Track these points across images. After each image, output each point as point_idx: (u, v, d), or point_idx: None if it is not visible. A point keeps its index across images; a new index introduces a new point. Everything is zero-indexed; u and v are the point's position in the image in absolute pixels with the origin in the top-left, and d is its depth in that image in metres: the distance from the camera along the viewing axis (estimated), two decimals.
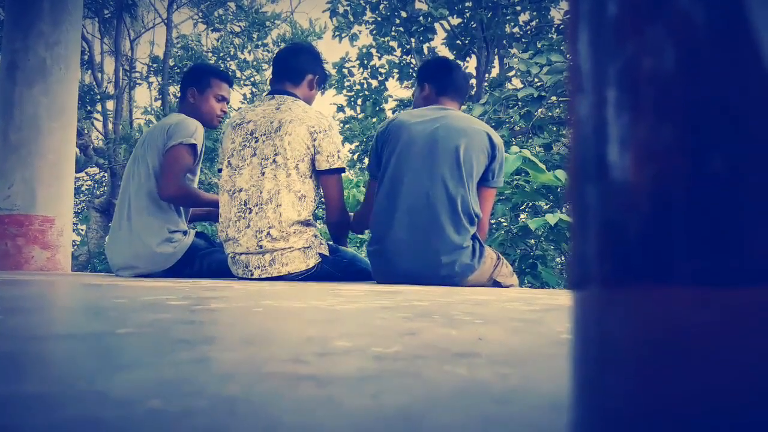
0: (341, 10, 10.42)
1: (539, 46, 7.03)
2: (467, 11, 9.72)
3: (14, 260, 3.71)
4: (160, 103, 12.35)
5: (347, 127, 11.26)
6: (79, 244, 11.48)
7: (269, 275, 2.50)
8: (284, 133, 2.51)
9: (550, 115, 7.19)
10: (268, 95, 2.71)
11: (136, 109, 12.88)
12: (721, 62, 0.24)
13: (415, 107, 2.66)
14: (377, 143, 2.51)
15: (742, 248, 0.24)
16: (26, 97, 3.80)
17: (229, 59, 12.94)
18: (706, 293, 0.24)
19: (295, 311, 1.11)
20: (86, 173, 13.42)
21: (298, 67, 2.71)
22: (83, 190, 14.01)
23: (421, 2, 9.98)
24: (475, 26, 9.66)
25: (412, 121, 2.43)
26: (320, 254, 2.52)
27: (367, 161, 2.65)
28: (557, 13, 9.44)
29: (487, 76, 9.96)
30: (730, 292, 0.24)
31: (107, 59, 12.39)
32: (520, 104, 6.44)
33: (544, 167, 4.12)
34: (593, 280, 0.28)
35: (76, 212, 12.53)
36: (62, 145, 3.91)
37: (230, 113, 8.28)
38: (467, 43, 9.84)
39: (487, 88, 8.95)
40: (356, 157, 10.96)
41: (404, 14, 10.01)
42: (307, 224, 2.53)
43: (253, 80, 13.30)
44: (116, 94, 11.36)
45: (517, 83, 8.54)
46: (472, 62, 10.37)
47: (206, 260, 2.81)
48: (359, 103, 11.31)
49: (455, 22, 9.95)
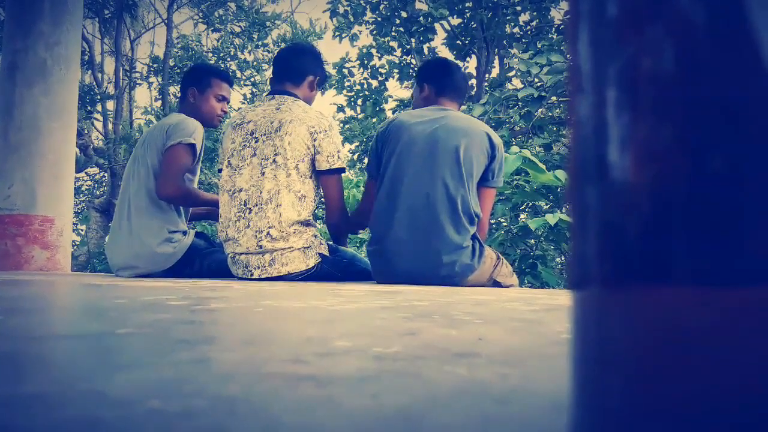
0: (341, 10, 10.42)
1: (539, 46, 7.04)
2: (467, 11, 9.72)
3: (14, 260, 3.71)
4: (160, 103, 12.36)
5: (347, 127, 11.26)
6: (79, 244, 11.49)
7: (269, 275, 2.50)
8: (284, 133, 2.51)
9: (550, 115, 7.19)
10: (268, 95, 2.70)
11: (136, 109, 12.91)
12: (720, 62, 0.24)
13: (414, 108, 2.66)
14: (377, 144, 2.51)
15: (742, 248, 0.24)
16: (26, 97, 3.80)
17: (229, 59, 12.94)
18: (706, 293, 0.24)
19: (295, 311, 1.11)
20: (86, 173, 13.43)
21: (299, 67, 2.70)
22: (83, 190, 14.01)
23: (421, 2, 9.99)
24: (475, 26, 9.67)
25: (412, 121, 2.43)
26: (320, 254, 2.52)
27: (366, 161, 2.65)
28: (557, 13, 9.45)
29: (487, 76, 9.96)
30: (730, 292, 0.24)
31: (107, 59, 12.42)
32: (520, 104, 6.44)
33: (544, 167, 4.12)
34: (593, 280, 0.28)
35: (76, 212, 12.54)
36: (62, 145, 3.91)
37: (230, 113, 8.29)
38: (467, 43, 9.84)
39: (487, 88, 8.96)
40: (356, 157, 10.96)
41: (404, 14, 10.01)
42: (307, 224, 2.53)
43: (253, 80, 13.31)
44: (116, 94, 11.36)
45: (517, 83, 8.55)
46: (472, 62, 10.38)
47: (206, 260, 2.81)
48: (359, 103, 11.31)
49: (455, 22, 9.96)
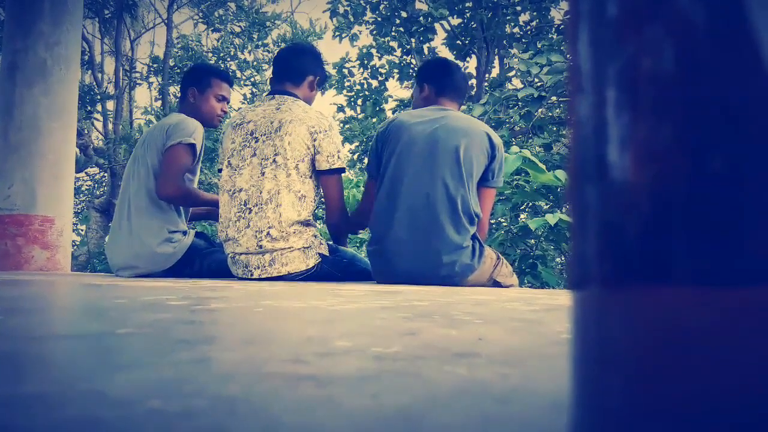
0: (341, 10, 10.42)
1: (539, 46, 7.03)
2: (467, 11, 9.72)
3: (14, 260, 3.71)
4: (160, 103, 12.36)
5: (347, 127, 11.26)
6: (79, 244, 11.49)
7: (269, 275, 2.50)
8: (284, 133, 2.51)
9: (550, 115, 7.19)
10: (268, 95, 2.70)
11: (136, 109, 12.91)
12: (720, 62, 0.24)
13: (414, 108, 2.66)
14: (377, 144, 2.51)
15: (742, 248, 0.24)
16: (26, 97, 3.80)
17: (229, 59, 12.94)
18: (706, 293, 0.24)
19: (295, 311, 1.11)
20: (86, 173, 13.43)
21: (299, 67, 2.70)
22: (83, 190, 14.01)
23: (421, 2, 9.99)
24: (475, 26, 9.67)
25: (412, 121, 2.43)
26: (320, 254, 2.52)
27: (366, 161, 2.65)
28: (557, 13, 9.45)
29: (487, 76, 9.96)
30: (730, 292, 0.24)
31: (107, 59, 12.42)
32: (520, 104, 6.44)
33: (544, 167, 4.12)
34: (593, 280, 0.28)
35: (76, 212, 12.53)
36: (62, 145, 3.91)
37: (230, 113, 8.28)
38: (467, 43, 9.84)
39: (487, 88, 8.96)
40: (356, 157, 10.96)
41: (404, 14, 10.01)
42: (307, 224, 2.53)
43: (253, 80, 13.31)
44: (116, 94, 11.36)
45: (517, 83, 8.55)
46: (472, 62, 10.38)
47: (206, 260, 2.81)
48: (359, 103, 11.31)
49: (455, 22, 9.96)
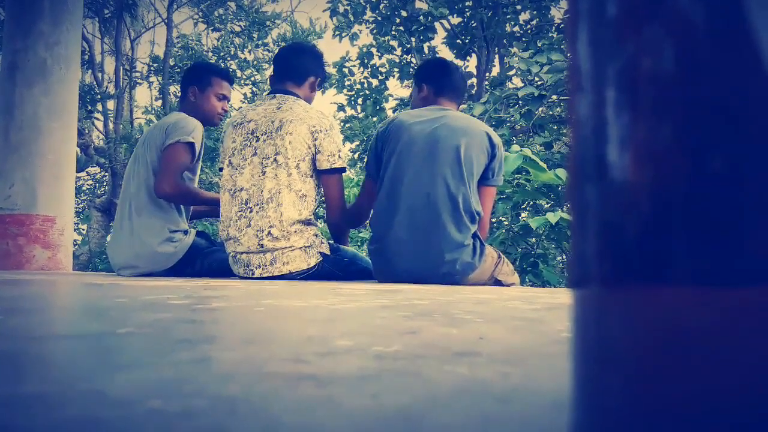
0: (341, 9, 10.41)
1: (539, 45, 7.03)
2: (467, 10, 9.71)
3: (15, 260, 3.71)
4: (160, 102, 12.37)
5: (348, 126, 11.26)
6: (80, 243, 11.51)
7: (270, 274, 2.50)
8: (285, 132, 2.51)
9: (550, 113, 7.19)
10: (269, 94, 2.70)
11: (136, 108, 12.92)
12: (720, 62, 0.24)
13: (413, 108, 2.66)
14: (377, 143, 2.51)
15: (741, 248, 0.24)
16: (27, 97, 3.80)
17: (229, 59, 12.95)
18: (705, 293, 0.24)
19: (295, 310, 1.11)
20: (87, 173, 13.44)
21: (300, 67, 2.70)
22: (84, 189, 14.02)
23: (421, 1, 9.98)
24: (475, 25, 9.66)
25: (411, 121, 2.43)
26: (321, 253, 2.52)
27: (366, 161, 2.65)
28: (557, 12, 9.44)
29: (487, 75, 9.96)
30: (729, 292, 0.24)
31: (107, 59, 12.42)
32: (520, 103, 6.44)
33: (544, 166, 4.11)
34: (593, 279, 0.28)
35: (77, 212, 12.54)
36: (63, 144, 3.92)
37: (231, 112, 8.28)
38: (467, 42, 9.83)
39: (487, 87, 8.95)
40: (357, 156, 10.96)
41: (404, 13, 10.00)
42: (308, 223, 2.53)
43: (253, 80, 13.31)
44: (117, 93, 11.37)
45: (517, 82, 8.55)
46: (472, 61, 10.37)
47: (207, 260, 2.81)
48: (359, 102, 11.30)
49: (455, 21, 9.95)
